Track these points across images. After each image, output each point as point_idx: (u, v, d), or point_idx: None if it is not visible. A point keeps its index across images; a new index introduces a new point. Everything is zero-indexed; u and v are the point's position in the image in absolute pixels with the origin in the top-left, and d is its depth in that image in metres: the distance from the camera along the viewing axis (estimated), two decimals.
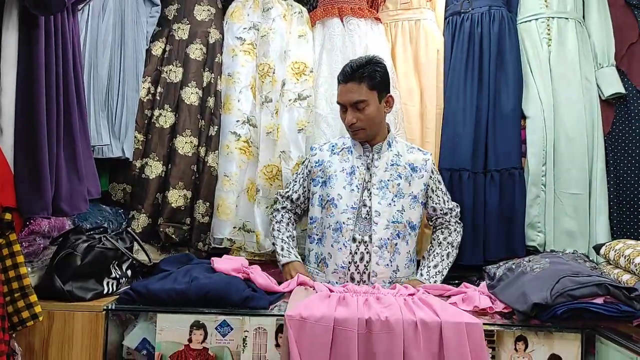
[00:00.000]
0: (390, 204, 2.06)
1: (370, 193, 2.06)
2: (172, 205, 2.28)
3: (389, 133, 2.15)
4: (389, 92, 2.11)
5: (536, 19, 2.59)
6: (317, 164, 2.15)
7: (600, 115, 2.51)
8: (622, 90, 2.49)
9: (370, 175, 2.08)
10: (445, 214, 2.20)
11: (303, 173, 2.21)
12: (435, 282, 2.08)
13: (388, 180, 2.07)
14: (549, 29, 2.57)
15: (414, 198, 2.11)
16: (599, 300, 1.59)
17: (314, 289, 1.78)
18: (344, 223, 2.04)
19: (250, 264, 1.87)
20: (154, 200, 2.30)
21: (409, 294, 1.74)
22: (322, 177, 2.13)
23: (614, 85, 2.50)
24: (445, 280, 2.57)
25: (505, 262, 1.95)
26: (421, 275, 2.11)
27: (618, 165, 2.48)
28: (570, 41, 2.54)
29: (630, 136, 2.48)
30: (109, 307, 1.60)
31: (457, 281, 2.52)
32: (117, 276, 1.73)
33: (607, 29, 2.58)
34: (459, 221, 2.25)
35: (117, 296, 1.74)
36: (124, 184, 2.35)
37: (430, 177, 2.16)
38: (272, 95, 2.45)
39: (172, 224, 2.28)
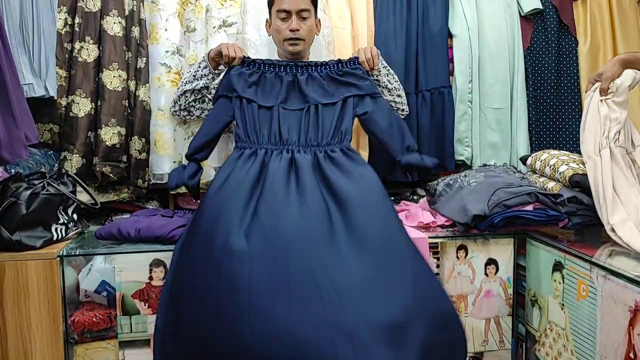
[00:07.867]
0: None
1: None
2: (107, 143, 2.19)
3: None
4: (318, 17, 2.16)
5: None
6: None
7: (520, 31, 2.62)
8: (540, 6, 2.61)
9: None
10: None
11: None
12: None
13: None
14: None
15: None
16: (529, 208, 1.76)
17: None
18: None
19: None
20: (85, 140, 2.20)
21: None
22: None
23: (532, 1, 2.60)
24: None
25: (443, 178, 2.07)
26: None
27: (536, 80, 2.63)
28: None
29: (547, 51, 2.63)
30: (63, 254, 1.58)
31: (392, 198, 2.66)
32: (65, 221, 1.68)
33: None
34: None
35: (68, 241, 1.71)
36: (50, 124, 2.21)
37: None
38: (195, 24, 2.34)
39: (108, 162, 2.20)
